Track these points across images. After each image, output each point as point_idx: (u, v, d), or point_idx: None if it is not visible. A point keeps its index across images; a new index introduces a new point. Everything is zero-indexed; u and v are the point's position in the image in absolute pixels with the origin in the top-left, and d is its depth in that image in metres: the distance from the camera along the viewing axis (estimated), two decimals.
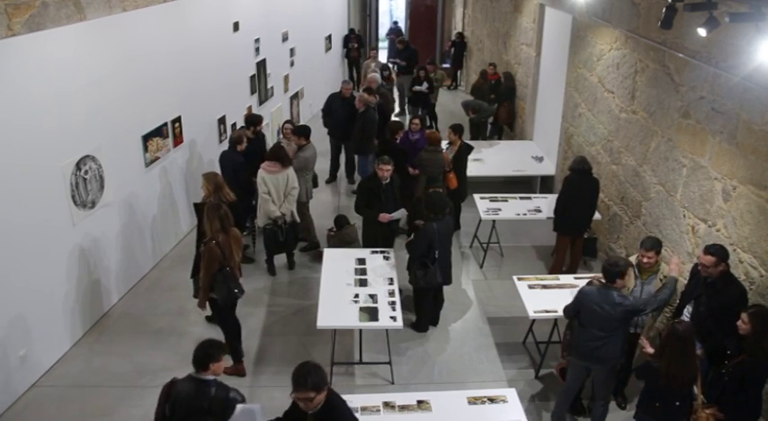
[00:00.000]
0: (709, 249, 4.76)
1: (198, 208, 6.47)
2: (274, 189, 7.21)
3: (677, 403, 4.45)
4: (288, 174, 7.28)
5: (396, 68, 14.62)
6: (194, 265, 6.08)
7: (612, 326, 4.90)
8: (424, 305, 6.66)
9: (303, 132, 8.01)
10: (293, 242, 7.68)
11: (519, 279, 6.40)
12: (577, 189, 7.13)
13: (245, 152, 7.62)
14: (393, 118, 11.25)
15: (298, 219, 7.62)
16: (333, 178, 10.53)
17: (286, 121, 9.05)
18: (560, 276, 6.58)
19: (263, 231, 7.47)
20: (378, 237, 7.05)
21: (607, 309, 4.85)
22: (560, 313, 5.41)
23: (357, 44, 16.33)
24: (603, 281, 4.97)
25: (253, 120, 8.28)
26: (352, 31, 16.68)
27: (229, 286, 5.50)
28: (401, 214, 7.14)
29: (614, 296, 4.85)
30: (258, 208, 7.42)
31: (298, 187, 7.42)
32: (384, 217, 6.91)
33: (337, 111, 9.86)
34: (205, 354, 3.90)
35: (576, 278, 6.42)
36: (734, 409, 4.37)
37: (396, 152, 8.10)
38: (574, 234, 7.39)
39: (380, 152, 8.21)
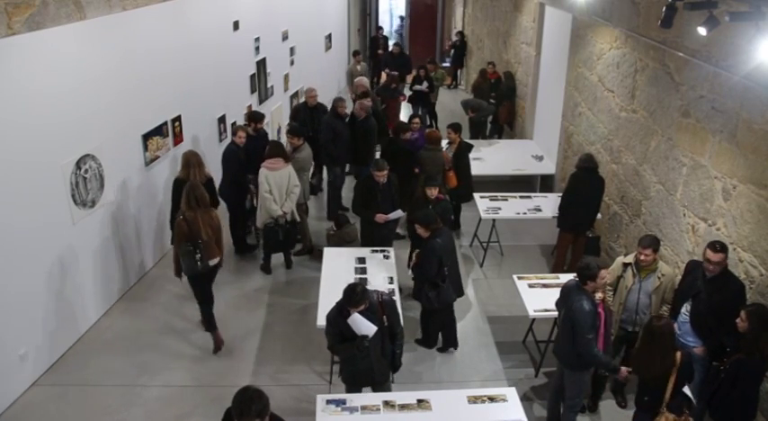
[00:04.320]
0: (716, 246, 4.74)
1: (176, 183, 6.75)
2: (276, 187, 7.17)
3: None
4: (289, 171, 7.27)
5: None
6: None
7: (567, 325, 4.80)
8: (437, 324, 6.34)
9: (297, 132, 7.93)
10: (293, 241, 7.70)
11: (519, 278, 6.41)
12: (582, 186, 7.12)
13: (247, 150, 7.62)
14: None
15: (298, 219, 7.62)
16: (338, 219, 8.18)
17: (287, 124, 8.98)
18: (560, 275, 6.57)
19: (263, 230, 7.45)
20: (375, 238, 7.02)
21: (566, 308, 4.80)
22: None
23: (383, 48, 15.99)
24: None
25: (252, 117, 8.28)
26: (380, 29, 16.16)
27: (191, 259, 5.85)
28: (398, 215, 7.09)
29: (578, 298, 4.69)
30: (258, 208, 7.39)
31: (299, 185, 7.38)
32: (380, 218, 6.89)
33: (341, 133, 8.66)
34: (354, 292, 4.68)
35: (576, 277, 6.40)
36: (727, 408, 4.37)
37: (402, 153, 8.05)
38: (576, 231, 7.38)
39: (384, 153, 8.18)
